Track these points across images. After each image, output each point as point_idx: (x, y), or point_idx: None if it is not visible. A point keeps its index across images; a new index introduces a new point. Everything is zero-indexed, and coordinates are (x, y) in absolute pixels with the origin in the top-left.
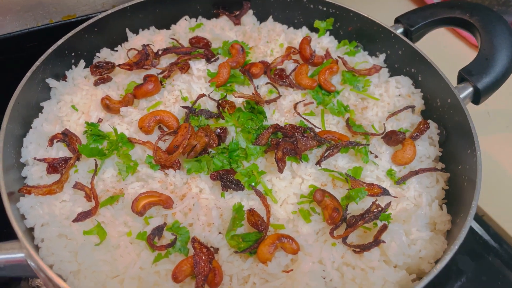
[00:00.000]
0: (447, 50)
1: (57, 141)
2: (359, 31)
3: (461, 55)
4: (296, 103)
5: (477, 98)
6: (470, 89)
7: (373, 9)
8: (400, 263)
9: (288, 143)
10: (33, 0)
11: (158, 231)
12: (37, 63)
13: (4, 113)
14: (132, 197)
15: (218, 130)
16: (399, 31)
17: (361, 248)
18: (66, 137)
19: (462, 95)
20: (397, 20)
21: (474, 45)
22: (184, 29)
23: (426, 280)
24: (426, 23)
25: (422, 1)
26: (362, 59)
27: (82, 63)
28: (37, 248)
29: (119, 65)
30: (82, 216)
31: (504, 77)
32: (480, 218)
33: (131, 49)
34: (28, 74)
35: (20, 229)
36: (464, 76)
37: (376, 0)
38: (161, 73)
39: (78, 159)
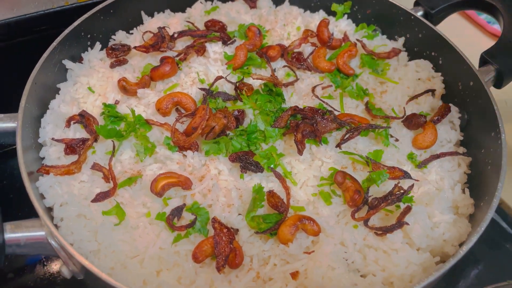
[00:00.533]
0: (463, 38)
1: (74, 123)
2: (377, 14)
3: (478, 42)
4: (314, 86)
5: (499, 81)
6: (493, 72)
7: None
8: (424, 246)
9: (308, 125)
10: None
11: (178, 211)
12: (54, 43)
13: (22, 93)
14: (150, 179)
15: (236, 113)
16: (419, 13)
17: (384, 230)
18: (83, 118)
19: (485, 79)
20: (417, 3)
21: (490, 33)
22: (199, 12)
23: (452, 262)
24: (447, 5)
25: None
26: (380, 43)
27: (98, 45)
28: (56, 227)
29: (135, 47)
30: (100, 197)
31: None
32: (497, 206)
33: (146, 32)
34: (45, 54)
35: (40, 207)
36: (486, 59)
37: None
38: (177, 55)
39: (95, 140)
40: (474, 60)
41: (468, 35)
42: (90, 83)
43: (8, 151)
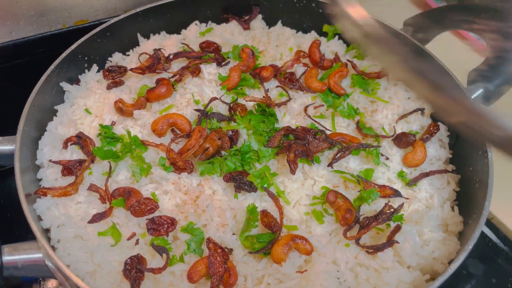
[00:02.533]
0: (452, 53)
1: (71, 144)
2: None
3: (467, 58)
4: (307, 106)
5: (487, 100)
6: (481, 90)
7: (380, 13)
8: (414, 264)
9: (300, 145)
10: (47, 6)
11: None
12: (52, 67)
13: (20, 116)
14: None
15: (230, 133)
16: (408, 33)
17: (374, 249)
18: (80, 139)
19: (473, 96)
20: (406, 23)
21: (480, 49)
22: (194, 34)
23: (441, 279)
24: (435, 25)
25: (427, 5)
26: (371, 63)
27: (94, 67)
28: (53, 249)
29: (131, 69)
30: (97, 218)
31: None
32: (489, 221)
33: (142, 53)
34: (43, 77)
35: (38, 229)
36: (474, 77)
37: (382, 4)
38: (172, 77)
39: (92, 161)
40: (463, 76)
41: (457, 51)
42: (87, 105)
43: (4, 170)
